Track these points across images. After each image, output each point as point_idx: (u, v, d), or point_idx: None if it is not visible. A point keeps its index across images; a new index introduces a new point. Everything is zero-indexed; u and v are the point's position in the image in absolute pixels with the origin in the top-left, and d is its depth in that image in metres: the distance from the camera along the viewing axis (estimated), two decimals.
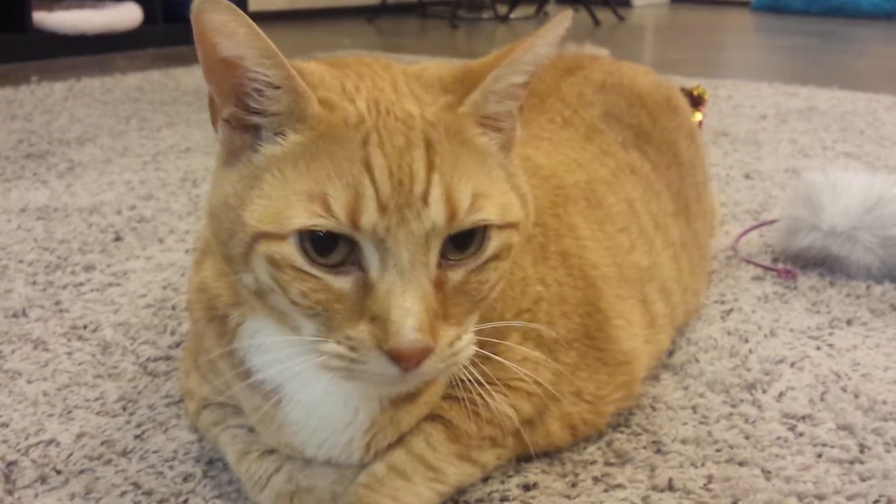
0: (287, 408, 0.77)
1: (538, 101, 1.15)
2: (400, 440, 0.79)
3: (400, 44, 4.56)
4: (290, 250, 0.63)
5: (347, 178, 0.62)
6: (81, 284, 1.29)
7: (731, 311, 1.22)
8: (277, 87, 0.64)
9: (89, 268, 1.36)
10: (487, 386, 0.73)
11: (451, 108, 0.67)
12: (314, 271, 0.63)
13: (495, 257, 0.67)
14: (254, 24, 0.62)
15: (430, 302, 0.63)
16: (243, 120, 0.67)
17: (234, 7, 0.62)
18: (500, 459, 0.84)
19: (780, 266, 1.38)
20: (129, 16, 3.73)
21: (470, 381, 0.71)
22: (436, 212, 0.62)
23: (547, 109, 1.14)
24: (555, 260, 0.89)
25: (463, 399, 0.79)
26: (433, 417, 0.80)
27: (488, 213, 0.65)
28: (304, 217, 0.62)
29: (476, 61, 0.72)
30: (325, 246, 0.63)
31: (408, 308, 0.61)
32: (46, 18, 3.49)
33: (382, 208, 0.61)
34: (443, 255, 0.64)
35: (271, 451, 0.82)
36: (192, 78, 3.06)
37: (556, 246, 0.90)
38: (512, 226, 0.68)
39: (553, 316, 0.86)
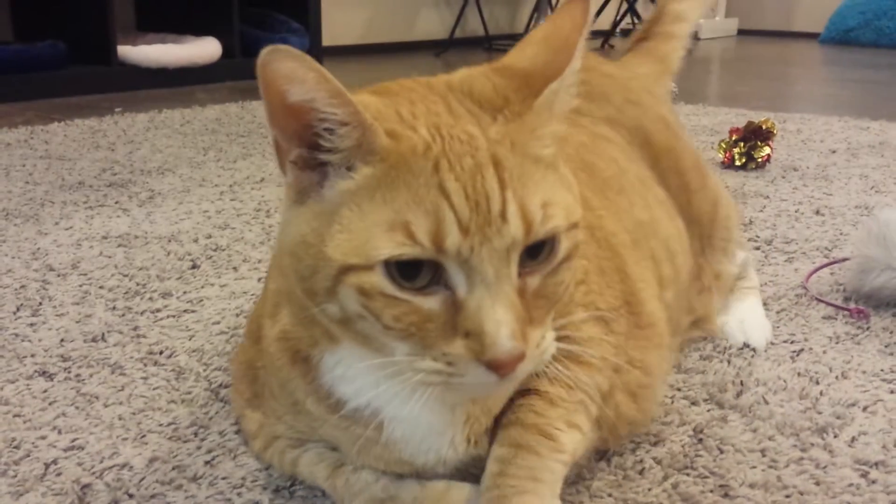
0: (389, 427, 0.79)
1: None
2: (494, 424, 0.81)
3: None
4: (379, 279, 0.65)
5: (426, 205, 0.64)
6: (158, 311, 1.34)
7: (801, 351, 1.20)
8: (346, 124, 0.66)
9: (166, 294, 1.41)
10: (563, 360, 0.77)
11: (513, 120, 0.69)
12: (404, 296, 0.65)
13: (567, 258, 0.70)
14: (321, 67, 0.64)
15: (518, 310, 0.66)
16: (311, 160, 0.68)
17: (302, 53, 0.63)
18: (587, 439, 0.84)
19: (852, 306, 1.35)
20: (208, 50, 3.86)
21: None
22: (514, 226, 0.65)
23: None
24: (584, 233, 0.89)
25: (544, 373, 0.79)
26: (522, 393, 0.82)
27: (558, 219, 0.68)
28: (391, 247, 0.64)
29: (515, 60, 0.74)
30: (410, 271, 0.65)
31: (500, 319, 0.64)
32: (130, 52, 3.64)
33: (465, 230, 0.64)
34: (519, 264, 0.67)
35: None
36: None
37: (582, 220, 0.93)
38: (576, 225, 0.71)
39: (602, 287, 0.89)
